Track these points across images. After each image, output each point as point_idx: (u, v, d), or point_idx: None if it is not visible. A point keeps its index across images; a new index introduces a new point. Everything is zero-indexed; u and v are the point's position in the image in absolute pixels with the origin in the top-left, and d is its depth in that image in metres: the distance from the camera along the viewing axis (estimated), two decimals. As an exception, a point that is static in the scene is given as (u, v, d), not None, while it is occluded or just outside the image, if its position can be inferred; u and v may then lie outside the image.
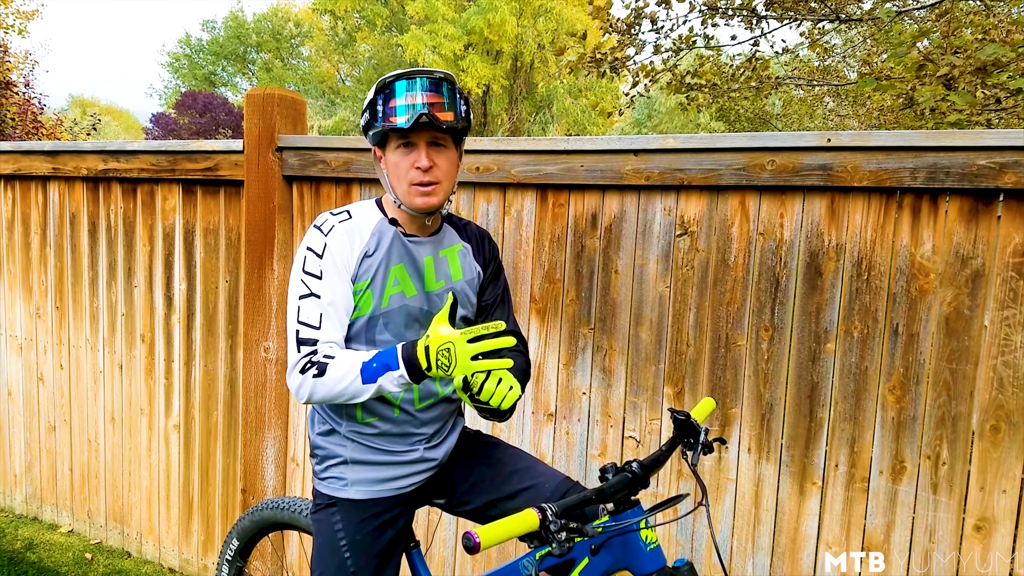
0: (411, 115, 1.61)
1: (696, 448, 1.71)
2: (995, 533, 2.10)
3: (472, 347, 1.41)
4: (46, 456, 3.89)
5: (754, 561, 2.40)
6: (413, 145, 1.68)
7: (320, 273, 1.67)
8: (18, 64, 15.69)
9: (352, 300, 1.71)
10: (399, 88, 1.63)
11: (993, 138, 1.98)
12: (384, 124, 1.65)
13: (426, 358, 1.47)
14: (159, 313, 3.45)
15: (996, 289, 2.06)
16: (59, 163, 3.59)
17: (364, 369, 1.56)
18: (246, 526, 2.42)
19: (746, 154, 2.28)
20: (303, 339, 1.64)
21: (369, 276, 1.72)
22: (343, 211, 1.77)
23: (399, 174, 1.71)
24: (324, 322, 1.66)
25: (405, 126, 1.62)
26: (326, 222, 1.73)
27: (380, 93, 1.65)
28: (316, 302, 1.66)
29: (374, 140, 1.73)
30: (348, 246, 1.71)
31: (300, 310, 1.66)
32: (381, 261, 1.73)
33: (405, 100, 1.63)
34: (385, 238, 1.75)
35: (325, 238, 1.70)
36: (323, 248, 1.69)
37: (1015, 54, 4.39)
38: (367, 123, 1.71)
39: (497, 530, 1.27)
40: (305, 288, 1.67)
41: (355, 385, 1.56)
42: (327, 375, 1.59)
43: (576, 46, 7.50)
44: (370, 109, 1.68)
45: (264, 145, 2.97)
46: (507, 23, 26.67)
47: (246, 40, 38.17)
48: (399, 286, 1.76)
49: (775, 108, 14.44)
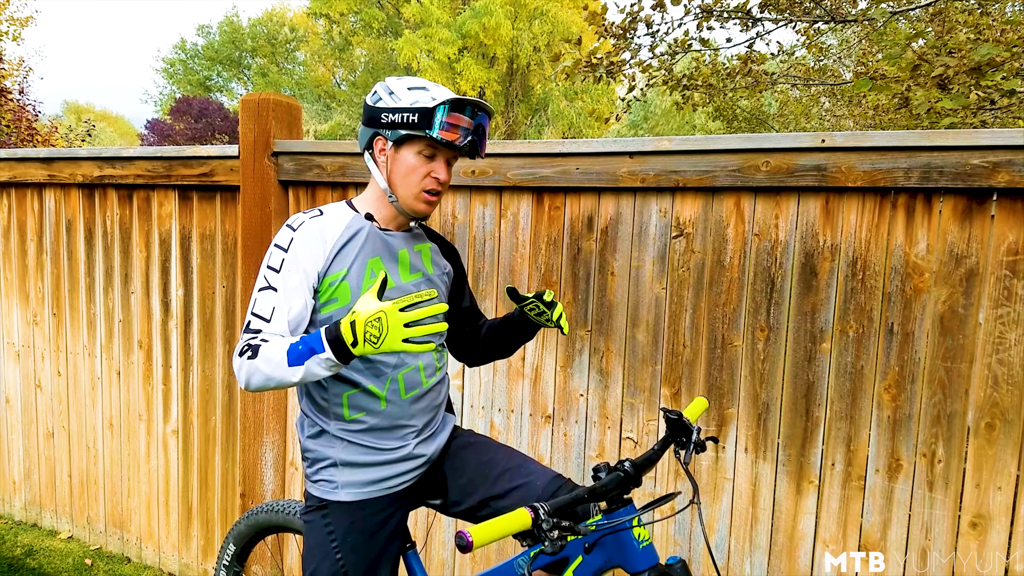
0: (463, 138, 1.73)
1: (688, 447, 1.72)
2: (991, 530, 2.11)
3: (404, 315, 1.44)
4: (45, 462, 3.89)
5: (752, 560, 2.41)
6: (434, 157, 1.77)
7: (280, 267, 1.70)
8: (12, 71, 15.68)
9: (310, 299, 1.73)
10: (462, 108, 1.72)
11: (986, 137, 2.00)
12: (437, 135, 1.70)
13: (352, 333, 1.47)
14: (156, 319, 3.45)
15: (990, 287, 2.07)
16: (55, 170, 3.59)
17: (290, 351, 1.54)
18: (242, 530, 2.42)
19: (741, 155, 2.29)
20: (251, 329, 1.66)
21: (344, 267, 1.74)
22: (315, 210, 1.81)
23: (413, 178, 1.76)
24: (275, 315, 1.67)
25: (460, 143, 1.72)
26: (296, 219, 1.77)
27: (440, 107, 1.71)
28: (272, 296, 1.68)
29: (400, 137, 1.75)
30: (317, 240, 1.73)
31: (256, 301, 1.69)
32: (357, 254, 1.76)
33: (457, 120, 1.72)
34: (361, 232, 1.79)
35: (293, 233, 1.73)
36: (288, 243, 1.71)
37: (1009, 54, 4.41)
38: (407, 123, 1.73)
39: (490, 529, 1.28)
40: (264, 281, 1.70)
41: (282, 368, 1.54)
42: (258, 356, 1.57)
43: (572, 51, 7.50)
44: (420, 114, 1.71)
45: (260, 150, 2.98)
46: (502, 27, 26.68)
47: (241, 45, 38.16)
48: (376, 278, 1.77)
49: (771, 108, 14.48)
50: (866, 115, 9.55)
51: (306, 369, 1.53)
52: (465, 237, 2.78)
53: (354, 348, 1.48)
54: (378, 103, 1.78)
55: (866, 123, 9.72)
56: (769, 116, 14.12)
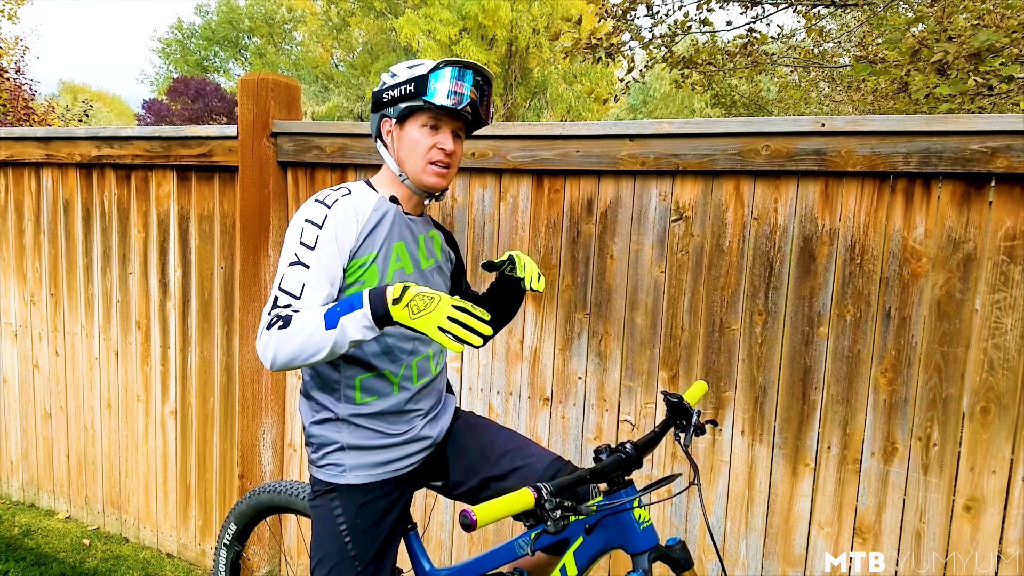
0: (460, 101, 1.70)
1: (688, 430, 1.73)
2: (984, 513, 2.12)
3: (454, 312, 1.43)
4: (42, 443, 3.90)
5: (747, 542, 2.43)
6: (438, 128, 1.75)
7: (315, 244, 1.65)
8: (8, 50, 15.55)
9: (341, 278, 1.69)
10: (453, 73, 1.70)
11: (985, 123, 1.99)
12: (433, 99, 1.68)
13: (401, 293, 1.46)
14: (154, 300, 3.45)
15: (987, 273, 2.07)
16: (52, 149, 3.57)
17: (328, 314, 1.51)
18: (243, 510, 2.43)
19: (741, 139, 2.29)
20: (279, 305, 1.60)
21: (373, 250, 1.72)
22: (342, 187, 1.78)
23: (418, 150, 1.75)
24: (305, 292, 1.61)
25: (456, 107, 1.69)
26: (328, 196, 1.72)
27: (434, 71, 1.69)
28: (303, 272, 1.63)
29: (401, 113, 1.74)
30: (352, 220, 1.70)
31: (284, 277, 1.63)
32: (386, 237, 1.75)
33: (454, 86, 1.69)
34: (388, 215, 1.77)
35: (328, 210, 1.68)
36: (323, 220, 1.67)
37: (1008, 40, 4.40)
38: (405, 94, 1.72)
39: (493, 508, 1.29)
40: (295, 257, 1.64)
41: (318, 333, 1.49)
42: (291, 326, 1.52)
43: (571, 31, 7.47)
44: (416, 83, 1.70)
45: (258, 131, 2.97)
46: (502, 8, 26.52)
47: (239, 25, 37.87)
48: (400, 262, 1.78)
49: (770, 94, 14.43)
50: (865, 100, 9.53)
51: (339, 330, 1.48)
52: (464, 219, 2.77)
53: (394, 306, 1.46)
54: (382, 87, 1.79)
55: (865, 108, 9.70)
56: (768, 101, 14.07)
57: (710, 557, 2.50)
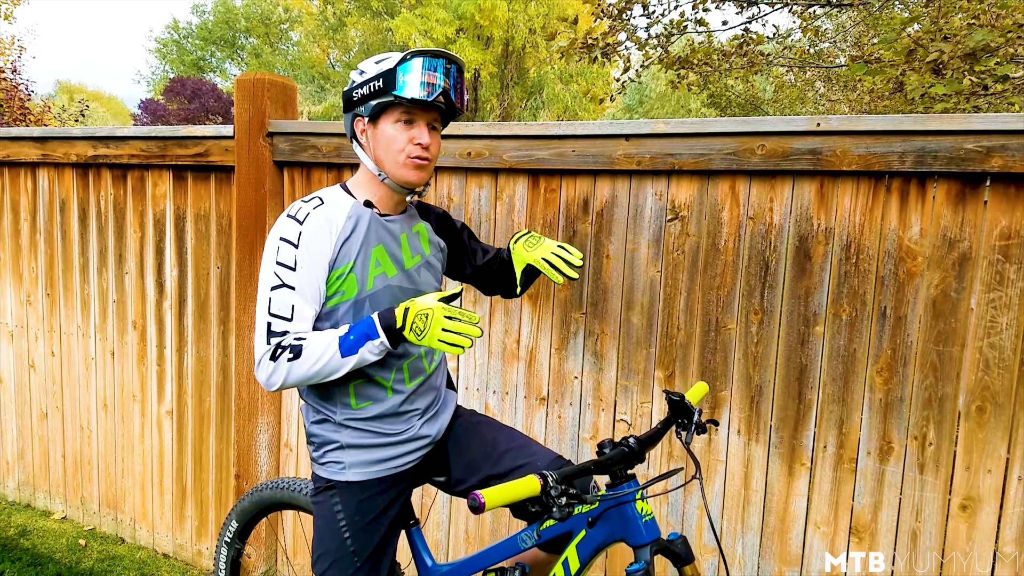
0: (432, 92, 1.66)
1: (690, 428, 1.75)
2: (980, 512, 2.13)
3: (447, 323, 1.54)
4: (38, 443, 3.89)
5: (744, 541, 2.43)
6: (413, 123, 1.72)
7: (294, 264, 1.65)
8: (5, 50, 15.53)
9: (324, 291, 1.70)
10: (424, 64, 1.66)
11: (980, 122, 2.00)
12: (403, 94, 1.65)
13: (404, 319, 1.58)
14: (151, 299, 3.44)
15: (983, 272, 2.08)
16: (48, 149, 3.57)
17: (342, 343, 1.61)
18: (246, 507, 2.43)
19: (736, 138, 2.29)
20: (274, 331, 1.63)
21: (350, 260, 1.71)
22: (314, 198, 1.75)
23: (394, 147, 1.72)
24: (296, 314, 1.64)
25: (428, 99, 1.66)
26: (300, 210, 1.70)
27: (402, 64, 1.66)
28: (289, 294, 1.64)
29: (372, 111, 1.72)
30: (325, 232, 1.69)
31: (272, 302, 1.64)
32: (361, 244, 1.73)
33: (425, 77, 1.66)
34: (362, 221, 1.75)
35: (300, 226, 1.67)
36: (298, 237, 1.66)
37: (1004, 39, 4.41)
38: (375, 91, 1.69)
39: (501, 492, 1.33)
40: (277, 279, 1.64)
41: (334, 360, 1.61)
42: (303, 356, 1.59)
43: (567, 31, 7.48)
44: (384, 78, 1.67)
45: (255, 130, 2.96)
46: (498, 8, 26.50)
47: (235, 25, 37.81)
48: (380, 267, 1.77)
49: (766, 94, 14.46)
50: (861, 100, 9.54)
51: (359, 357, 1.61)
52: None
53: (402, 332, 1.59)
54: (351, 86, 1.76)
55: (861, 108, 9.72)
56: (763, 101, 14.10)
57: (707, 557, 2.50)
